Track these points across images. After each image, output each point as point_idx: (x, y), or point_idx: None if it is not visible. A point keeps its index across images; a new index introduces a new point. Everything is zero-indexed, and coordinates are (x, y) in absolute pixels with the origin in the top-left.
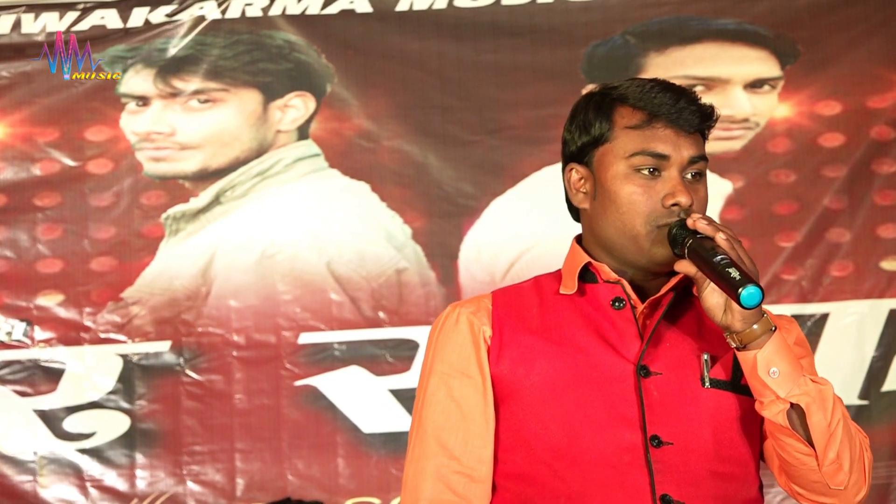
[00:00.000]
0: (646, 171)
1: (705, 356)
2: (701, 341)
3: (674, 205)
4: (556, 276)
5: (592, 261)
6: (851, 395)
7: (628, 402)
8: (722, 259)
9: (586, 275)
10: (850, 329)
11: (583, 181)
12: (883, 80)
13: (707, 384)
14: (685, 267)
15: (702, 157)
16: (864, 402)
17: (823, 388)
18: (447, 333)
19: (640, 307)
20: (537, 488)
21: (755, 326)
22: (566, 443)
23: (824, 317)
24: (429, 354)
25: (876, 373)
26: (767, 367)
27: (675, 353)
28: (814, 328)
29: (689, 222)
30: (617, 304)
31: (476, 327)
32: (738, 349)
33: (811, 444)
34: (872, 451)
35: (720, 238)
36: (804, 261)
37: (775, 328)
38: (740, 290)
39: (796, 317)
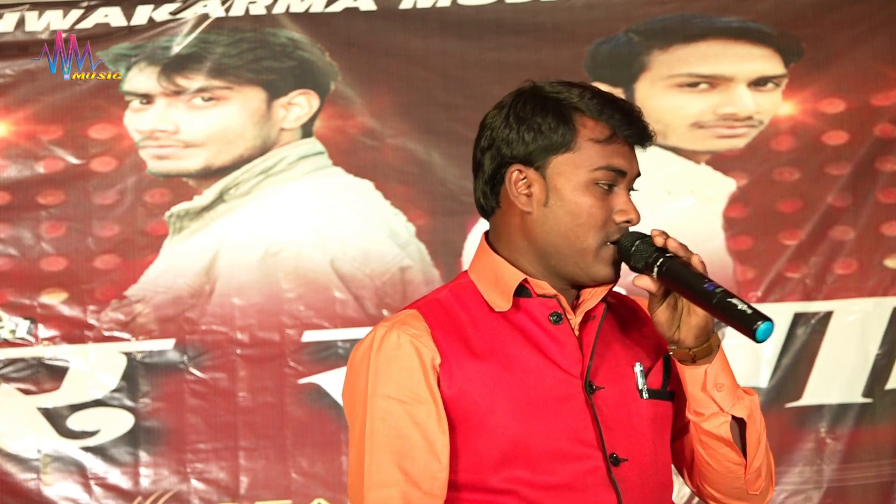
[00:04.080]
0: (604, 186)
1: (638, 366)
2: (628, 350)
3: (626, 221)
4: (470, 287)
5: (529, 277)
6: (855, 393)
7: (582, 421)
8: (716, 288)
9: (519, 290)
10: (854, 327)
11: (529, 185)
12: (887, 77)
13: (646, 395)
14: (648, 283)
15: (639, 174)
16: (868, 400)
17: (753, 398)
18: (388, 356)
19: (575, 320)
20: None
21: (707, 342)
22: (530, 468)
23: (828, 314)
24: (365, 377)
25: (880, 371)
26: (715, 381)
27: (610, 366)
28: (818, 326)
29: (660, 241)
30: (554, 318)
31: (424, 354)
32: (686, 364)
33: (744, 454)
34: (876, 449)
35: (696, 261)
36: (808, 258)
37: (720, 342)
38: (755, 326)
39: (800, 315)
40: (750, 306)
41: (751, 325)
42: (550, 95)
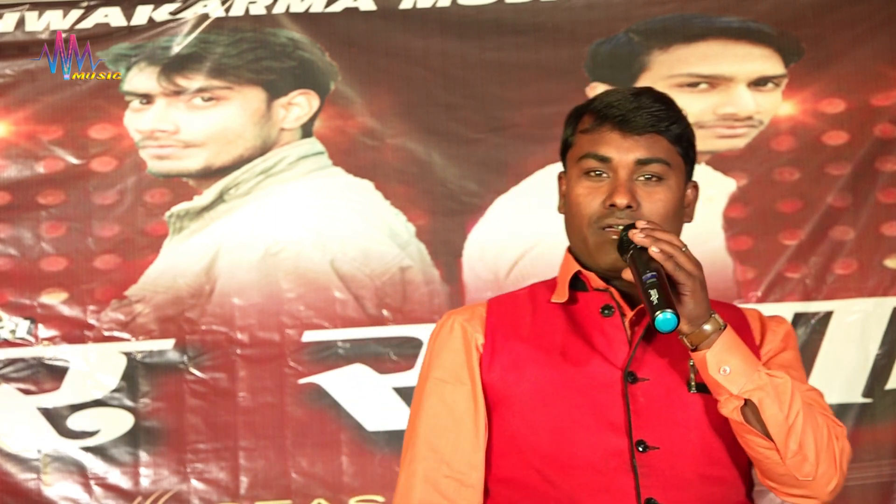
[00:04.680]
0: (593, 174)
1: (692, 361)
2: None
3: (612, 205)
4: (552, 283)
5: (582, 269)
6: (855, 393)
7: (615, 408)
8: (649, 278)
9: (577, 283)
10: (854, 327)
11: (563, 186)
12: (887, 77)
13: (693, 389)
14: (628, 275)
15: (656, 160)
16: (868, 400)
17: (779, 380)
18: (442, 340)
19: (630, 314)
20: (527, 492)
21: (706, 327)
22: (555, 448)
23: (828, 315)
24: (425, 361)
25: (880, 371)
26: (718, 365)
27: (663, 359)
28: (817, 326)
29: (631, 232)
30: (606, 311)
31: (469, 334)
32: (691, 350)
33: (770, 437)
34: (876, 449)
35: (653, 251)
36: (808, 259)
37: (725, 326)
38: (655, 314)
39: (800, 315)
40: (663, 299)
41: (653, 313)
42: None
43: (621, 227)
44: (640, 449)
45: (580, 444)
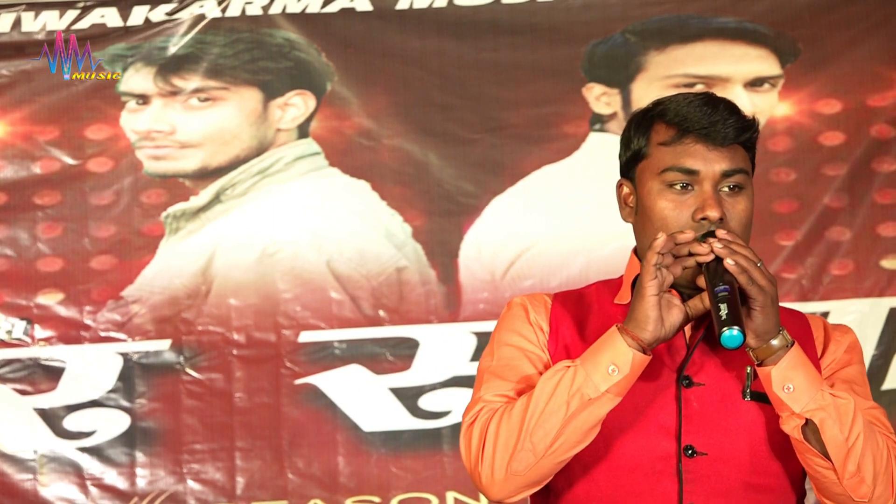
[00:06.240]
0: (678, 187)
1: (749, 368)
2: (748, 354)
3: (703, 218)
4: (614, 284)
5: None
6: None
7: (667, 412)
8: (721, 290)
9: None
10: (851, 327)
11: (630, 196)
12: (883, 78)
13: (748, 396)
14: (702, 283)
15: (739, 171)
16: None
17: (842, 401)
18: (512, 314)
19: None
20: (570, 489)
21: (773, 342)
22: (604, 449)
23: (824, 315)
24: (493, 339)
25: (876, 371)
26: (782, 382)
27: (720, 365)
28: None
29: (710, 240)
30: None
31: (532, 317)
32: (756, 365)
33: (829, 458)
34: None
35: (728, 264)
36: (804, 259)
37: (793, 343)
38: (722, 329)
39: None
40: (731, 315)
41: (720, 329)
42: (647, 107)
43: (699, 236)
44: (688, 454)
45: (629, 447)
